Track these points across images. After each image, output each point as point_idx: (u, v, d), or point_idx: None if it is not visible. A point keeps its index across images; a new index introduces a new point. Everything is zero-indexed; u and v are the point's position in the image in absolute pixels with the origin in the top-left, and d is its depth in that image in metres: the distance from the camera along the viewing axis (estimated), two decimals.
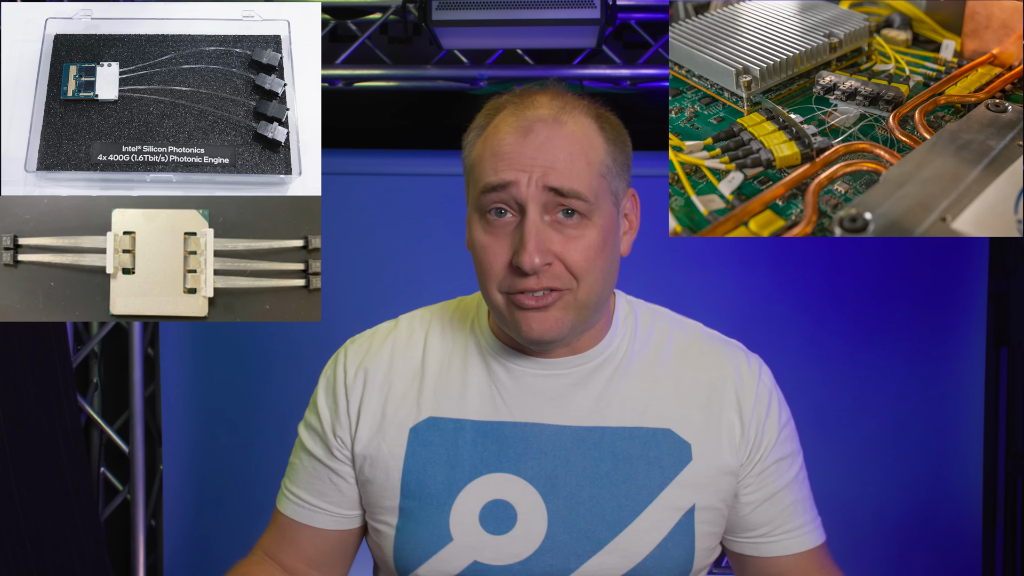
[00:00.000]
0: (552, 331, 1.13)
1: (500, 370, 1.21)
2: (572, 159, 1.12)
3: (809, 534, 1.27)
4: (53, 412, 2.71)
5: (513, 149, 1.12)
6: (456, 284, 1.46)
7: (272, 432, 2.94)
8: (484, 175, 1.14)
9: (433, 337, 1.26)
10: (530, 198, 1.11)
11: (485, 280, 1.15)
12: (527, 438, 1.19)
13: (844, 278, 2.93)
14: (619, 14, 2.79)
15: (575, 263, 1.12)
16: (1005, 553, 3.04)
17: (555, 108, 1.15)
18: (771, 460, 1.24)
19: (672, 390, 1.22)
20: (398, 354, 1.24)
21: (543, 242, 1.11)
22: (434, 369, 1.23)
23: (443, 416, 1.20)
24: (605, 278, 1.16)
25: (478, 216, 1.15)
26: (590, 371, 1.21)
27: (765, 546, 1.26)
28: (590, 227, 1.13)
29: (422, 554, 1.17)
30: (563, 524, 1.17)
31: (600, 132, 1.16)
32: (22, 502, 2.57)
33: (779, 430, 1.25)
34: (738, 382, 1.23)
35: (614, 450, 1.18)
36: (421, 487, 1.18)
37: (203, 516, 3.02)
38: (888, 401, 2.92)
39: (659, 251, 2.76)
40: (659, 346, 1.25)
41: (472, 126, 1.20)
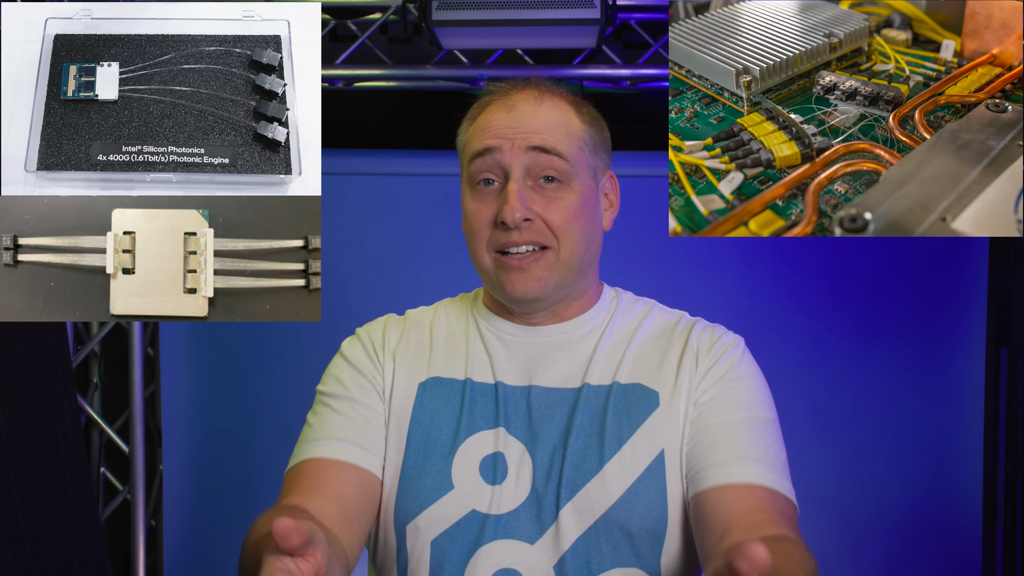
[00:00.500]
0: (535, 289, 1.24)
1: (494, 339, 1.32)
2: (552, 127, 1.26)
3: (749, 468, 1.17)
4: (53, 412, 2.71)
5: (498, 122, 1.27)
6: (456, 284, 1.47)
7: (272, 432, 2.94)
8: (472, 146, 1.28)
9: (439, 318, 1.37)
10: (513, 163, 1.24)
11: (474, 243, 1.27)
12: (517, 398, 1.28)
13: (844, 278, 2.93)
14: (619, 14, 2.79)
15: (555, 222, 1.24)
16: (1005, 553, 3.04)
17: (537, 92, 1.30)
18: (717, 389, 1.24)
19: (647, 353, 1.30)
20: (409, 328, 1.36)
21: (525, 200, 1.23)
22: (440, 342, 1.34)
23: (445, 376, 1.30)
24: (586, 241, 1.27)
25: (469, 188, 1.29)
26: (576, 338, 1.31)
27: (701, 477, 1.18)
28: (569, 191, 1.26)
29: (424, 501, 1.23)
30: (544, 475, 1.23)
31: (577, 114, 1.30)
32: (22, 502, 2.57)
33: (734, 367, 1.25)
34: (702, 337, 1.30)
35: (590, 405, 1.26)
36: (426, 437, 1.26)
37: (203, 516, 3.02)
38: (888, 401, 2.92)
39: (659, 251, 2.76)
40: (639, 321, 1.34)
41: (465, 117, 1.34)
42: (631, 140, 1.31)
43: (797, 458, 1.32)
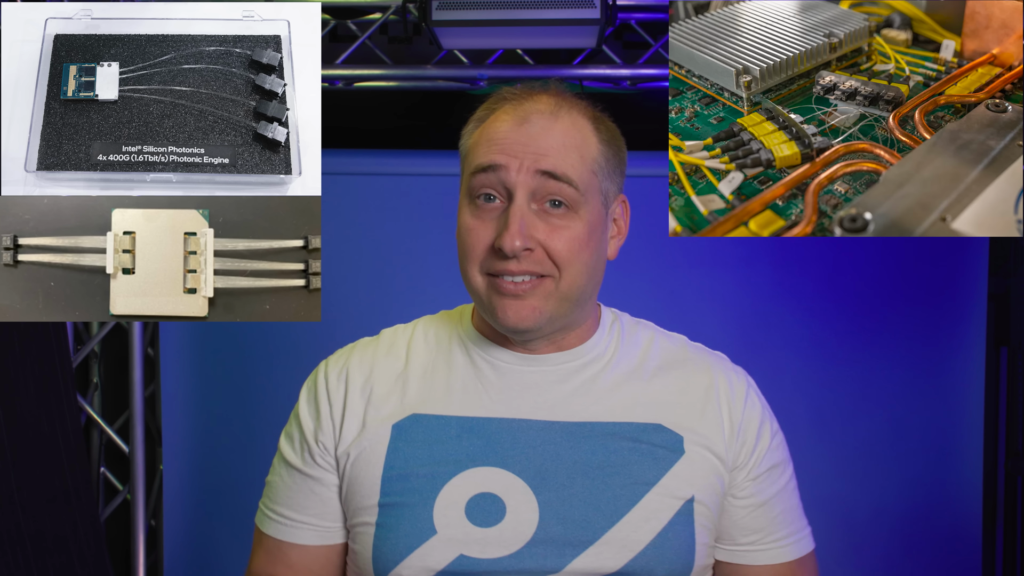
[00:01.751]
0: (528, 320, 1.14)
1: (486, 366, 1.22)
2: (565, 149, 1.14)
3: (797, 543, 1.26)
4: (53, 412, 2.71)
5: (508, 136, 1.15)
6: (456, 283, 1.46)
7: (272, 432, 2.91)
8: (477, 158, 1.16)
9: (416, 342, 1.26)
10: (519, 184, 1.13)
11: (466, 262, 1.17)
12: (515, 433, 1.18)
13: (844, 278, 2.93)
14: (619, 14, 2.79)
15: (558, 252, 1.13)
16: (1005, 553, 3.04)
17: (553, 104, 1.18)
18: (765, 467, 1.23)
19: (660, 389, 1.22)
20: (380, 359, 1.25)
21: (527, 227, 1.12)
22: (418, 371, 1.23)
23: (427, 412, 1.20)
24: (589, 273, 1.17)
25: (467, 201, 1.18)
26: (576, 368, 1.22)
27: (753, 554, 1.24)
28: (576, 219, 1.15)
29: (404, 549, 1.14)
30: (555, 516, 1.14)
31: (595, 132, 1.19)
32: (22, 502, 2.57)
33: (771, 437, 1.25)
34: (728, 387, 1.24)
35: (605, 443, 1.18)
36: (403, 481, 1.16)
37: (203, 516, 3.02)
38: (888, 401, 2.92)
39: (659, 251, 2.76)
40: (645, 351, 1.26)
41: (472, 118, 1.22)
42: (631, 140, 1.28)
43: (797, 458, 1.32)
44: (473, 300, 1.22)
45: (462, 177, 1.21)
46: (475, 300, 1.21)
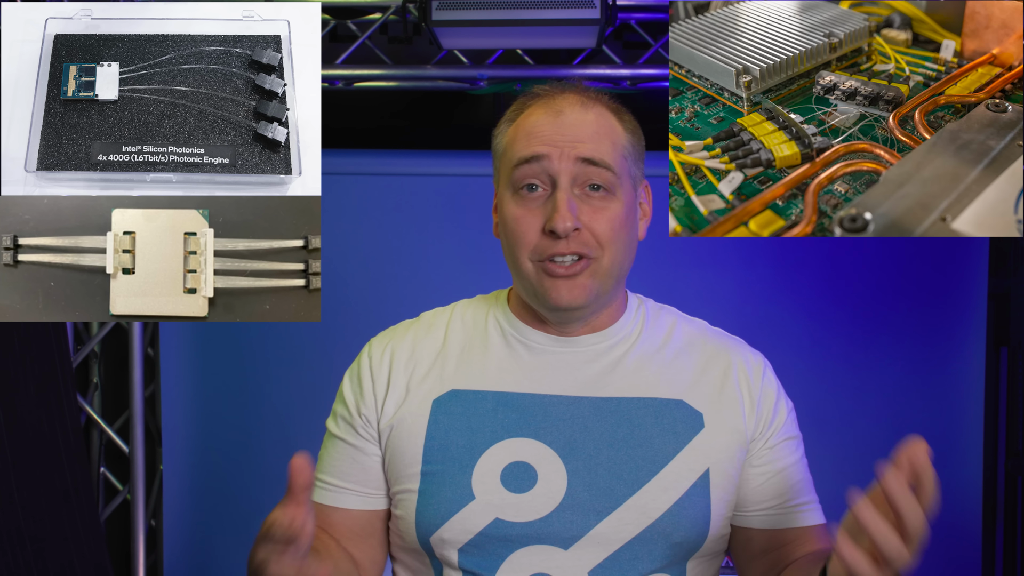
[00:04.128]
0: (580, 298, 1.23)
1: (520, 347, 1.30)
2: (599, 137, 1.24)
3: (816, 511, 1.32)
4: (53, 412, 2.71)
5: (545, 128, 1.24)
6: (456, 284, 1.47)
7: (272, 432, 2.94)
8: (517, 151, 1.25)
9: (455, 323, 1.34)
10: (562, 171, 1.22)
11: (516, 250, 1.24)
12: (546, 407, 1.26)
13: (844, 278, 2.93)
14: (619, 14, 2.79)
15: (601, 232, 1.22)
16: (1005, 553, 3.04)
17: (581, 98, 1.27)
18: (781, 437, 1.31)
19: (681, 369, 1.30)
20: (420, 339, 1.33)
21: (574, 209, 1.21)
22: (456, 350, 1.31)
23: (465, 388, 1.28)
24: (627, 251, 1.26)
25: (510, 193, 1.25)
26: (605, 349, 1.30)
27: (777, 518, 1.29)
28: (615, 201, 1.24)
29: (445, 513, 1.22)
30: (582, 483, 1.23)
31: (620, 122, 1.28)
32: (22, 502, 2.58)
33: (787, 412, 1.33)
34: (746, 367, 1.32)
35: (630, 417, 1.26)
36: (443, 451, 1.25)
37: (203, 516, 3.02)
38: (888, 401, 2.92)
39: (659, 251, 2.76)
40: (668, 334, 1.34)
41: (502, 120, 1.31)
42: None
43: None
44: (520, 286, 1.29)
45: (499, 174, 1.29)
46: (523, 286, 1.28)
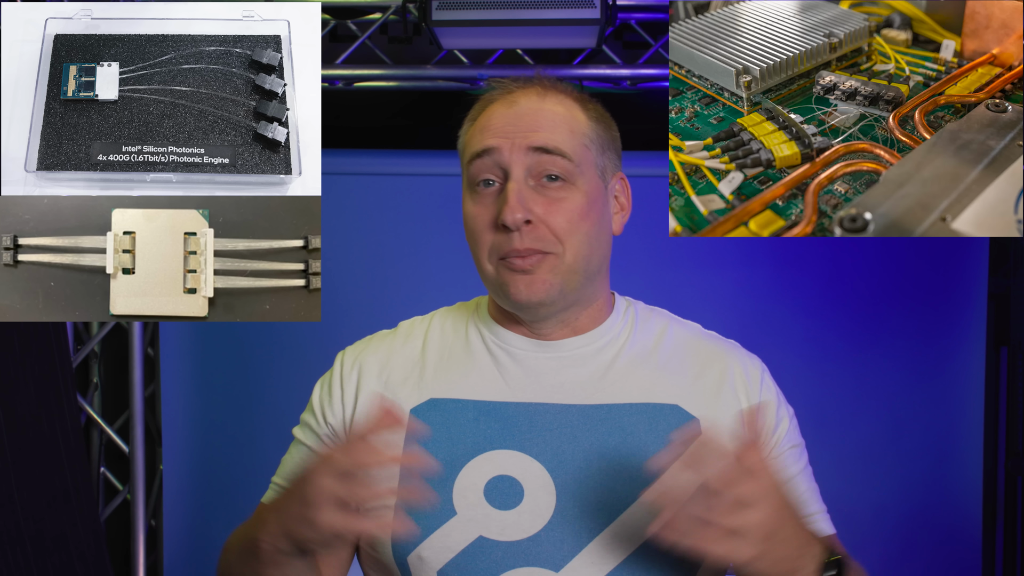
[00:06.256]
0: (539, 293, 1.16)
1: (502, 354, 1.23)
2: (555, 125, 1.19)
3: (823, 520, 1.26)
4: (53, 412, 2.71)
5: (499, 121, 1.20)
6: (456, 284, 1.47)
7: (272, 432, 2.93)
8: (471, 147, 1.21)
9: (433, 331, 1.28)
10: (513, 162, 1.17)
11: (476, 248, 1.20)
12: (532, 417, 1.19)
13: (844, 278, 2.93)
14: (619, 14, 2.79)
15: (558, 225, 1.16)
16: (1005, 553, 3.04)
17: (540, 89, 1.23)
18: (784, 446, 1.25)
19: (676, 372, 1.24)
20: (396, 348, 1.27)
21: (525, 201, 1.16)
22: (434, 358, 1.25)
23: (444, 397, 1.21)
24: (592, 244, 1.19)
25: (469, 192, 1.21)
26: (592, 353, 1.23)
27: None
28: (574, 191, 1.18)
29: (424, 529, 1.15)
30: (572, 499, 1.16)
31: (583, 110, 1.23)
32: (22, 502, 2.58)
33: (789, 420, 1.27)
34: (743, 372, 1.25)
35: (621, 425, 1.19)
36: None
37: (203, 516, 3.02)
38: (888, 401, 2.92)
39: (659, 251, 2.76)
40: (660, 337, 1.27)
41: (465, 118, 1.26)
42: (631, 140, 1.28)
43: None
44: (486, 286, 1.24)
45: (462, 173, 1.24)
46: (488, 285, 1.23)
